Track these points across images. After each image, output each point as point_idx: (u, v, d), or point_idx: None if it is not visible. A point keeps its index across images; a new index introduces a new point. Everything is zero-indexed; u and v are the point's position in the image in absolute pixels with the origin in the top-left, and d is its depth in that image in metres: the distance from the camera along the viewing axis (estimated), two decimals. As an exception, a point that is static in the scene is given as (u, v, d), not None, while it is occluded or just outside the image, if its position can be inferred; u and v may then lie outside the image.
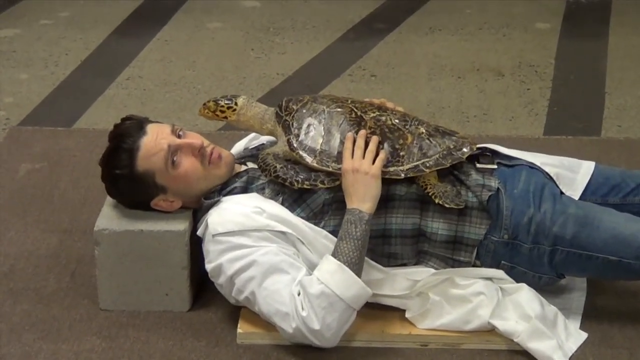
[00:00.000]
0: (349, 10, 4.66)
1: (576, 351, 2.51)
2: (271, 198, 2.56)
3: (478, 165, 2.66)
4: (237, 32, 4.50)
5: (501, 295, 2.55)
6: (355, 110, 2.60)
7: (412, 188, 2.57)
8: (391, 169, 2.54)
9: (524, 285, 2.57)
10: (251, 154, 2.75)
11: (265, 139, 2.81)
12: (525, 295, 2.54)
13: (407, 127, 2.60)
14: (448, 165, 2.57)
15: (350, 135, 2.54)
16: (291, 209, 2.54)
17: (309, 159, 2.55)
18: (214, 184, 2.60)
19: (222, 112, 2.64)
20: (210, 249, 2.53)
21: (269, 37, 4.44)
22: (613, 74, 4.08)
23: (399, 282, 2.56)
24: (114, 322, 2.63)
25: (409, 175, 2.55)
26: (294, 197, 2.56)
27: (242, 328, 2.57)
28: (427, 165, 2.56)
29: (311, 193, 2.55)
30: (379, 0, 4.75)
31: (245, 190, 2.60)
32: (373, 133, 2.56)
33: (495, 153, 2.74)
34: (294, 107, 2.61)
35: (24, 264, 2.85)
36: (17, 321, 2.64)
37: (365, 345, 2.55)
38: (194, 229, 2.61)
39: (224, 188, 2.61)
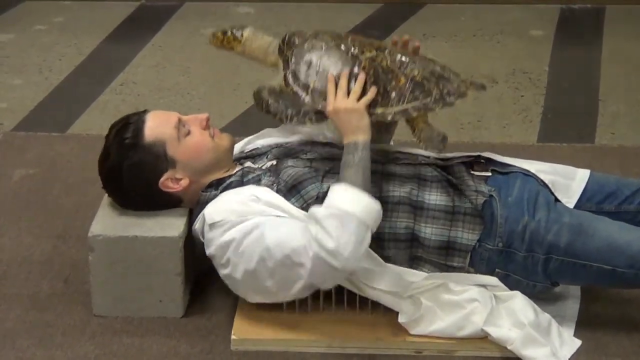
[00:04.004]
0: (342, 16, 4.67)
1: (570, 359, 2.51)
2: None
3: (472, 173, 2.67)
4: (232, 38, 4.49)
5: (495, 302, 2.56)
6: (353, 49, 2.59)
7: (406, 189, 2.58)
8: (379, 110, 2.55)
9: (517, 293, 2.57)
10: (246, 156, 2.75)
11: (260, 142, 2.80)
12: (519, 303, 2.54)
13: (401, 69, 2.59)
14: (437, 110, 2.57)
15: (330, 76, 2.55)
16: (285, 199, 2.54)
17: (301, 95, 2.57)
18: (220, 157, 2.63)
19: (229, 42, 2.69)
20: (211, 236, 2.52)
21: (264, 43, 4.44)
22: (607, 81, 4.08)
23: (394, 279, 2.55)
24: (107, 328, 2.62)
25: (396, 119, 2.56)
26: (288, 188, 2.56)
27: (236, 334, 2.57)
28: (416, 108, 2.55)
29: (305, 184, 2.55)
30: (372, 6, 4.76)
31: (241, 184, 2.61)
32: (366, 73, 2.55)
33: (489, 160, 2.74)
34: (296, 42, 2.62)
35: (17, 270, 2.85)
36: (11, 327, 2.63)
37: (359, 352, 2.55)
38: (188, 235, 2.62)
39: (221, 184, 2.61)
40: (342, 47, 2.59)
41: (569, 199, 2.69)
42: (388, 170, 2.64)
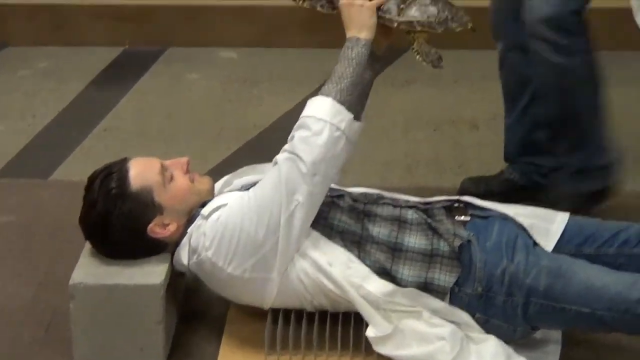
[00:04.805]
0: (326, 61, 4.64)
1: (547, 403, 2.52)
2: None
3: (452, 217, 2.69)
4: (215, 83, 4.51)
5: (466, 343, 2.56)
6: None
7: (386, 230, 2.62)
8: (387, 15, 2.67)
9: (491, 337, 2.58)
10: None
11: (239, 182, 2.80)
12: (491, 347, 2.56)
13: None
14: (439, 31, 2.69)
15: None
16: None
17: None
18: (203, 198, 2.66)
19: None
20: (207, 226, 2.57)
21: (246, 89, 4.46)
22: (587, 125, 4.09)
23: (383, 284, 2.57)
24: (88, 376, 2.62)
25: (401, 27, 2.67)
26: None
27: (217, 383, 2.57)
28: (421, 23, 2.68)
29: None
30: (355, 51, 4.77)
31: None
32: None
33: (468, 205, 2.76)
34: None
35: (-2, 318, 2.85)
36: (-9, 375, 2.63)
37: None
38: (170, 282, 2.62)
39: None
40: None
41: (548, 242, 2.70)
42: (369, 211, 2.67)
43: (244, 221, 2.53)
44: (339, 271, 2.55)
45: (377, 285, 2.56)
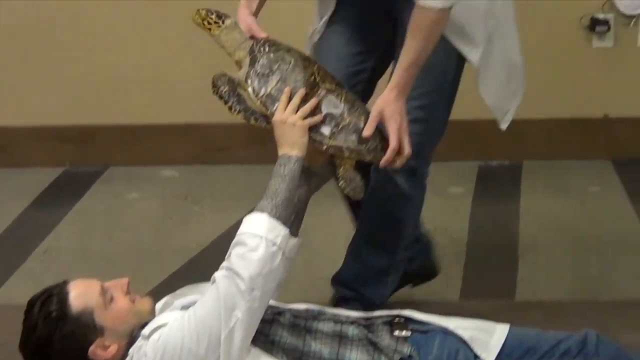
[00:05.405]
0: (266, 177, 4.71)
1: None
2: None
3: (393, 333, 2.70)
4: (156, 202, 4.52)
5: None
6: (316, 75, 2.75)
7: (327, 347, 2.62)
8: (317, 137, 2.68)
9: None
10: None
11: (179, 302, 2.79)
12: None
13: (351, 110, 2.73)
14: (368, 159, 2.72)
15: (287, 89, 2.69)
16: None
17: (255, 96, 2.70)
18: (144, 319, 2.63)
19: (209, 23, 2.78)
20: (148, 347, 2.53)
21: (188, 206, 4.48)
22: (525, 235, 4.15)
23: None
24: None
25: (330, 151, 2.70)
26: None
27: None
28: (350, 149, 2.69)
29: None
30: (296, 167, 4.81)
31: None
32: (319, 100, 2.71)
33: (409, 319, 2.78)
34: (268, 48, 2.76)
35: None
36: None
37: None
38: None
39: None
40: (308, 70, 2.75)
41: (489, 355, 2.71)
42: (311, 326, 2.68)
43: (185, 339, 2.52)
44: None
45: None
